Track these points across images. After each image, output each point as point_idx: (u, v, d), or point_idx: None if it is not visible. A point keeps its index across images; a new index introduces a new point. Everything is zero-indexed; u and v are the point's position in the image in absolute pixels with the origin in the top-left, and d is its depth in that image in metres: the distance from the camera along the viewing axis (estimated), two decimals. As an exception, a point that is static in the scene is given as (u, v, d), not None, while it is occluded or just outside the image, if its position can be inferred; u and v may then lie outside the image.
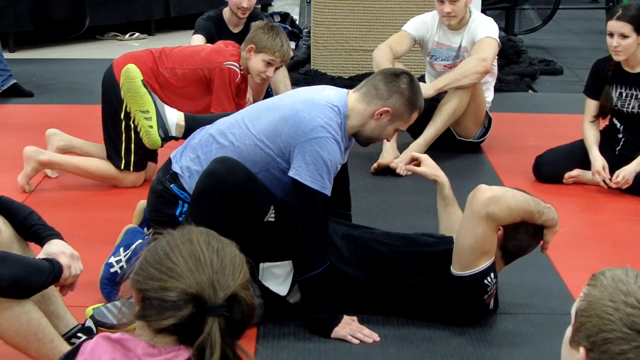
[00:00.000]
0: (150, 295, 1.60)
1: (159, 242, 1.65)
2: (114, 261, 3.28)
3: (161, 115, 3.53)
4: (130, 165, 4.40)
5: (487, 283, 3.01)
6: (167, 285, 1.58)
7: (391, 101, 3.14)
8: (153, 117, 3.52)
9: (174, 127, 3.53)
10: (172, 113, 3.58)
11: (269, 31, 4.42)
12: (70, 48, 7.84)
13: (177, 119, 3.55)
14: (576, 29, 9.32)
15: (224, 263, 1.61)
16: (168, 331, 1.60)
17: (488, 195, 2.90)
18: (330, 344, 3.02)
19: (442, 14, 4.85)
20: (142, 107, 3.54)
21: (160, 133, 3.51)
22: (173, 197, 3.18)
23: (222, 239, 1.68)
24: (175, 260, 1.60)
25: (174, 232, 1.67)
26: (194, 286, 1.57)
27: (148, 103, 3.53)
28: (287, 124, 3.04)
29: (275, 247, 3.09)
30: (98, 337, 1.68)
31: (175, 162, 3.23)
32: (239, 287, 1.61)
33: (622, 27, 4.36)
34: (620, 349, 1.39)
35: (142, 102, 3.54)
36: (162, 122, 3.52)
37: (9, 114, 5.84)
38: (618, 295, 1.42)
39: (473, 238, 2.94)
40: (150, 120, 3.51)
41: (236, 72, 4.41)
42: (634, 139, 4.54)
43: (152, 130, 3.51)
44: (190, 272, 1.59)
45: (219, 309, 1.57)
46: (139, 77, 3.59)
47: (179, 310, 1.57)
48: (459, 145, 5.07)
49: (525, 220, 2.99)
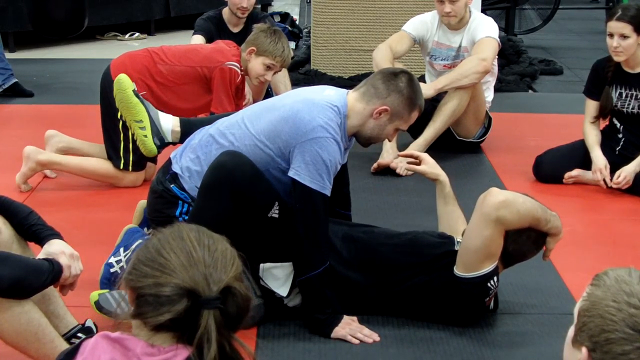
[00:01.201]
0: (144, 292, 1.61)
1: (150, 240, 1.67)
2: (114, 261, 3.28)
3: (155, 123, 3.56)
4: (129, 165, 4.40)
5: (490, 286, 3.02)
6: (161, 281, 1.60)
7: (390, 100, 3.14)
8: (147, 126, 3.55)
9: (169, 133, 3.55)
10: (167, 119, 3.59)
11: (271, 35, 4.42)
12: (70, 48, 7.84)
13: (172, 125, 3.57)
14: (576, 29, 9.31)
15: (215, 257, 1.63)
16: (165, 328, 1.61)
17: (500, 198, 2.91)
18: (330, 344, 3.02)
19: (442, 13, 4.85)
20: (135, 116, 3.58)
21: (155, 141, 3.55)
22: (173, 197, 3.18)
23: (213, 234, 1.69)
24: (167, 257, 1.62)
25: (164, 230, 1.69)
26: (187, 280, 1.59)
27: (141, 112, 3.57)
28: (287, 124, 3.04)
29: (277, 246, 3.09)
30: (98, 337, 1.69)
31: (175, 162, 3.23)
32: (232, 279, 1.63)
33: (622, 28, 4.35)
34: (623, 350, 1.39)
35: (135, 112, 3.58)
36: (156, 130, 3.56)
37: (9, 114, 5.84)
38: (621, 296, 1.42)
39: (480, 240, 2.94)
40: (144, 129, 3.55)
41: (237, 72, 4.41)
42: (634, 139, 4.54)
43: (147, 139, 3.55)
44: (183, 267, 1.60)
45: (214, 301, 1.59)
46: (130, 87, 3.63)
47: (174, 305, 1.58)
48: (459, 145, 5.07)
49: (532, 227, 3.00)
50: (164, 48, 4.51)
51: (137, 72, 4.31)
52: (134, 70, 4.31)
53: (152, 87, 4.35)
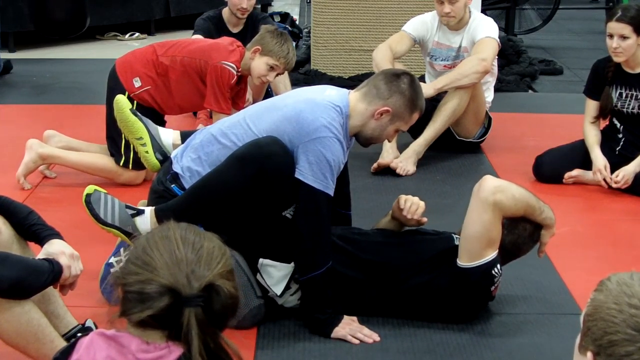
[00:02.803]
0: (129, 289, 1.64)
1: (140, 239, 1.70)
2: (114, 261, 3.28)
3: (155, 139, 3.61)
4: (130, 163, 4.42)
5: (495, 274, 3.03)
6: (143, 279, 1.62)
7: (391, 101, 3.14)
8: (147, 142, 3.59)
9: (171, 147, 3.58)
10: (167, 134, 3.64)
11: (278, 37, 4.43)
12: (70, 48, 7.84)
13: (173, 139, 3.62)
14: (576, 29, 9.31)
15: (199, 254, 1.64)
16: (149, 325, 1.63)
17: (495, 184, 2.99)
18: (330, 344, 3.02)
19: (442, 14, 4.85)
20: (135, 134, 3.63)
21: (157, 156, 3.59)
22: (173, 197, 3.18)
23: (202, 232, 1.70)
24: (152, 255, 1.64)
25: (154, 229, 1.73)
26: (168, 278, 1.61)
27: (140, 130, 3.62)
28: (290, 124, 3.04)
29: (281, 245, 3.09)
30: (93, 334, 1.70)
31: (176, 162, 3.23)
32: (216, 276, 1.63)
33: (622, 29, 4.35)
34: (626, 351, 1.39)
35: (135, 129, 3.63)
36: (157, 145, 3.60)
37: (8, 113, 5.83)
38: (622, 298, 1.42)
39: (480, 225, 2.97)
40: (145, 146, 3.60)
41: (231, 73, 4.39)
42: (634, 139, 4.54)
43: (148, 156, 3.59)
44: (166, 266, 1.62)
45: (195, 299, 1.60)
46: (127, 106, 3.68)
47: (155, 302, 1.60)
48: (459, 145, 5.06)
49: (527, 216, 3.04)
50: (168, 41, 4.56)
51: (143, 67, 4.40)
52: (139, 64, 4.38)
53: (157, 81, 4.39)
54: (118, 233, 3.11)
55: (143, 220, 3.09)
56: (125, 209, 3.10)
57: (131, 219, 3.09)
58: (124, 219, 3.08)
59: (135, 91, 4.38)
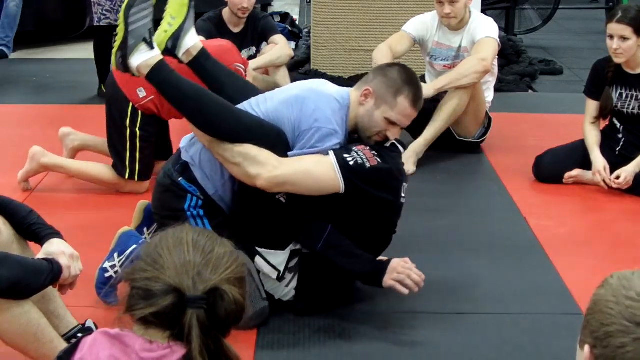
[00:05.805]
0: (136, 285, 1.65)
1: (154, 237, 1.72)
2: (109, 266, 3.25)
3: (182, 31, 3.40)
4: (135, 175, 4.33)
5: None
6: (150, 276, 1.63)
7: (374, 83, 3.20)
8: (175, 26, 3.39)
9: (184, 49, 3.40)
10: (193, 38, 3.43)
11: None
12: (70, 48, 7.84)
13: (192, 46, 3.41)
14: (576, 29, 9.32)
15: (208, 258, 1.65)
16: (151, 323, 1.63)
17: None
18: (330, 344, 3.02)
19: (442, 15, 4.85)
20: (174, 13, 3.40)
21: (168, 43, 3.39)
22: (181, 190, 3.17)
23: (216, 237, 1.71)
24: (162, 254, 1.65)
25: (169, 229, 1.73)
26: (174, 278, 1.62)
27: (181, 14, 3.40)
28: (294, 111, 3.10)
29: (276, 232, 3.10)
30: (97, 333, 1.71)
31: (184, 151, 3.22)
32: (222, 281, 1.64)
33: (623, 30, 4.35)
34: (621, 342, 1.39)
35: (179, 10, 3.41)
36: (178, 35, 3.40)
37: (8, 113, 5.84)
38: (620, 291, 1.42)
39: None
40: (171, 26, 3.39)
41: (243, 74, 4.40)
42: (634, 140, 4.54)
43: (164, 35, 3.38)
44: (174, 266, 1.63)
45: (199, 301, 1.61)
46: None
47: (159, 300, 1.61)
48: (459, 145, 5.07)
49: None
50: None
51: None
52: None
53: None
54: (122, 28, 3.09)
55: (143, 55, 3.12)
56: (148, 31, 3.11)
57: (141, 39, 3.10)
58: (140, 34, 3.10)
59: (141, 102, 4.24)
